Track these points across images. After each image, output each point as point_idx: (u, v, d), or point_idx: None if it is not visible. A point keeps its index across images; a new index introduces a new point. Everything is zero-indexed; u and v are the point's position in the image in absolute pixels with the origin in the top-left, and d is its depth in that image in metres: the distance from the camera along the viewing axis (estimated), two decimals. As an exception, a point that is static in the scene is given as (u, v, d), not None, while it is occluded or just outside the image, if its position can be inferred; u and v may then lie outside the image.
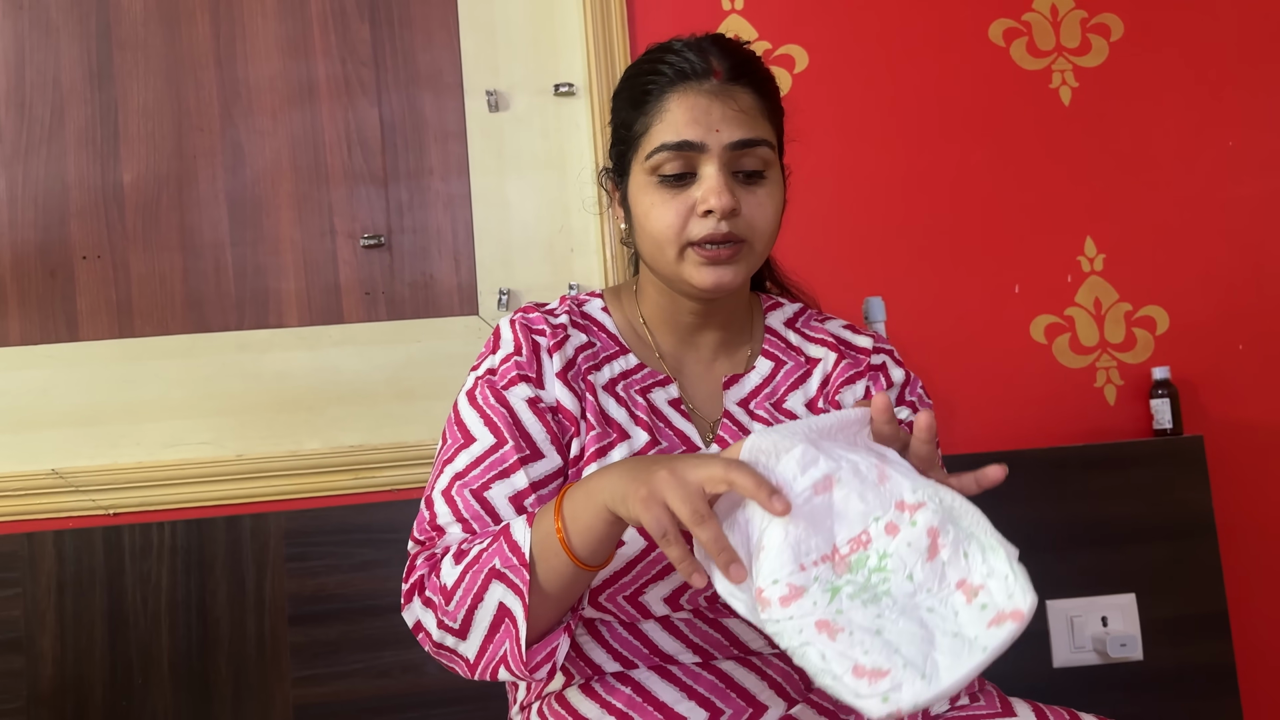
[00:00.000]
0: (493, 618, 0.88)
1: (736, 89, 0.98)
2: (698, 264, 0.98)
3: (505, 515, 0.95)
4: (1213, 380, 1.85)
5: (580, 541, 0.84)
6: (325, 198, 1.81)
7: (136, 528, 1.59)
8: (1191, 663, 1.62)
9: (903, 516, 0.75)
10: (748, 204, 0.97)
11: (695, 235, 0.97)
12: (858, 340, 1.11)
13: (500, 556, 0.87)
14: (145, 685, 1.55)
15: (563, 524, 0.85)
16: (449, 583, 0.90)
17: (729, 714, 0.95)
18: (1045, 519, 1.62)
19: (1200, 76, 1.90)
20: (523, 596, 0.85)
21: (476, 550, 0.90)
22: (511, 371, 1.00)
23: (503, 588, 0.87)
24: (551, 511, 0.87)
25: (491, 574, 0.87)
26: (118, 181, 1.79)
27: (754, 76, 1.00)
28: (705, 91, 0.97)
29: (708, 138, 0.96)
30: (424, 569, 0.94)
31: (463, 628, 0.89)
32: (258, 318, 1.79)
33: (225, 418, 1.75)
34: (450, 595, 0.89)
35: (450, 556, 0.92)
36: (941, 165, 1.87)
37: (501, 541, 0.88)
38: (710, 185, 0.96)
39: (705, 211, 0.96)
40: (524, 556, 0.86)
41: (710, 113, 0.97)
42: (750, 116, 0.98)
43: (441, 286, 1.82)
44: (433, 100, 1.84)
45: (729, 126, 0.96)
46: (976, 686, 1.00)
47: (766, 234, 0.99)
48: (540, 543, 0.86)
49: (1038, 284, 1.86)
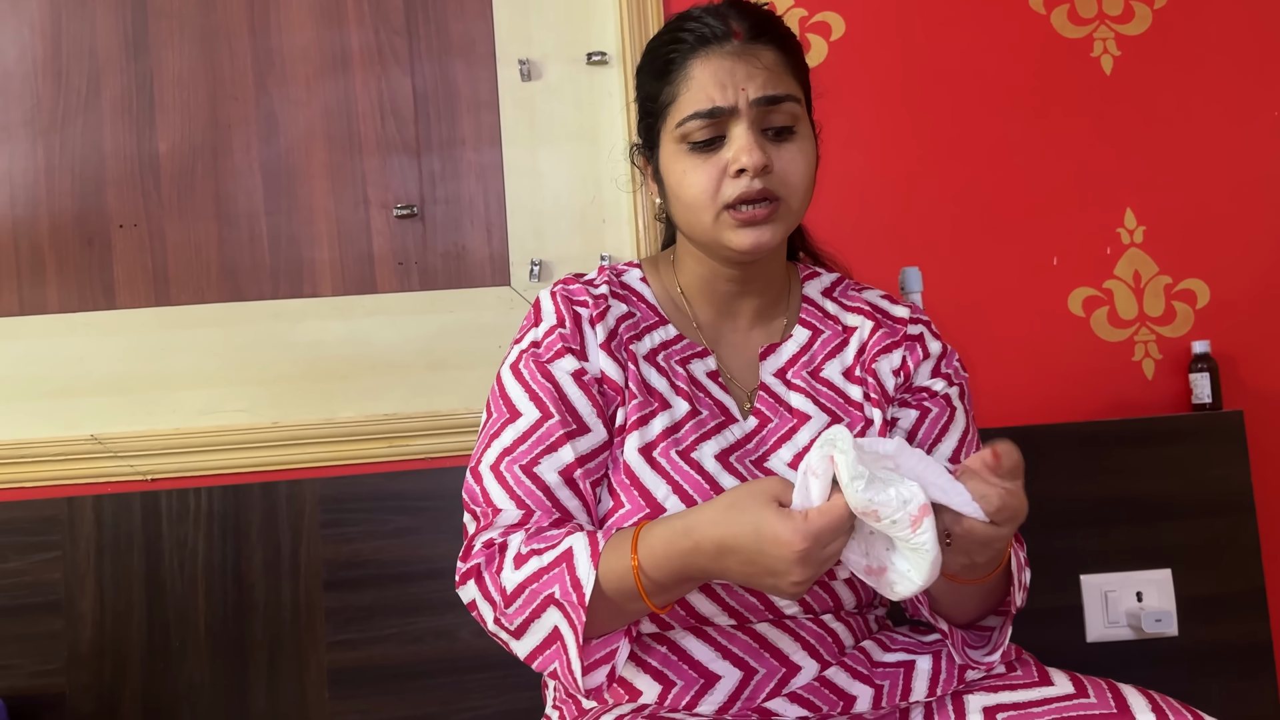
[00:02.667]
0: (547, 635, 0.90)
1: (758, 47, 0.97)
2: (734, 227, 0.97)
3: (556, 490, 0.96)
4: (1253, 355, 1.82)
5: (659, 596, 0.88)
6: (358, 167, 1.81)
7: (174, 493, 1.60)
8: (1227, 640, 1.60)
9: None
10: (780, 160, 0.97)
11: (729, 196, 0.96)
12: (895, 310, 1.10)
13: (560, 586, 0.88)
14: (182, 648, 1.58)
15: (641, 573, 0.87)
16: (509, 588, 0.91)
17: (763, 674, 0.96)
18: (1081, 494, 1.60)
19: (1245, 45, 1.86)
20: (577, 633, 0.87)
21: (537, 567, 0.90)
22: (557, 344, 1.00)
23: (559, 614, 0.88)
24: (627, 550, 0.87)
25: (549, 600, 0.89)
26: (153, 150, 1.80)
27: (775, 34, 0.99)
28: (728, 53, 0.97)
29: (735, 99, 0.96)
30: (481, 558, 0.94)
31: (517, 631, 0.92)
32: (292, 287, 1.80)
33: (260, 386, 1.77)
34: (509, 601, 0.91)
35: (510, 560, 0.92)
36: (979, 135, 1.84)
37: (564, 570, 0.89)
38: (740, 144, 0.95)
39: (738, 171, 0.95)
40: (584, 597, 0.86)
41: (735, 73, 0.96)
42: (775, 73, 0.97)
43: (474, 257, 1.82)
44: (465, 69, 1.84)
45: (754, 84, 0.96)
46: (1014, 655, 1.00)
47: (801, 189, 0.98)
48: (614, 581, 0.87)
49: (1076, 256, 1.84)
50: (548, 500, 0.96)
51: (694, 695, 0.95)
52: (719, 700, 0.95)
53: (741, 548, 0.82)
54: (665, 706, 0.95)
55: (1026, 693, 0.93)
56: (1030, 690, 0.93)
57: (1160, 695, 0.90)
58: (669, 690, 0.95)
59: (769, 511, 0.80)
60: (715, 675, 0.95)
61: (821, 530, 0.79)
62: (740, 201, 0.96)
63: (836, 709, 0.94)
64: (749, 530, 0.81)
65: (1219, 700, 1.57)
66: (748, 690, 0.95)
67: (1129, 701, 0.89)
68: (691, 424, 0.99)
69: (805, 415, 1.02)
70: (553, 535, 0.93)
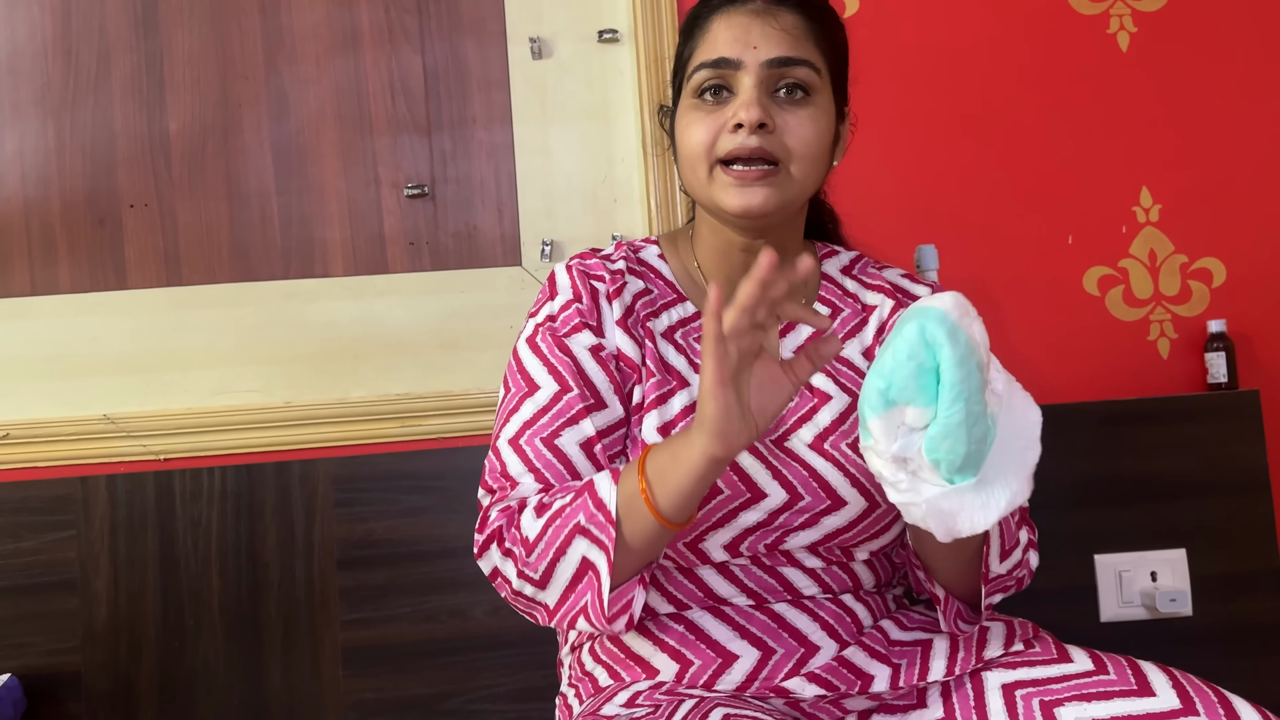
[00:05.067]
0: (575, 570, 0.89)
1: (780, 9, 0.97)
2: (726, 185, 0.96)
3: (577, 462, 0.95)
4: (1270, 334, 1.81)
5: (666, 501, 0.85)
6: (369, 147, 1.80)
7: (187, 473, 1.60)
8: (1242, 620, 1.60)
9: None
10: (785, 122, 0.96)
11: (723, 150, 0.95)
12: (915, 289, 1.09)
13: (585, 512, 0.88)
14: (196, 627, 1.58)
15: (647, 484, 0.86)
16: (530, 535, 0.91)
17: (781, 653, 0.95)
18: (1096, 473, 1.60)
19: (1261, 24, 1.84)
20: (608, 552, 0.86)
21: (559, 505, 0.90)
22: (574, 319, 1.00)
23: (586, 543, 0.88)
24: (635, 472, 0.87)
25: (576, 529, 0.88)
26: (164, 130, 1.79)
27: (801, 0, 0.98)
28: (748, 11, 0.97)
29: (744, 54, 0.95)
30: (500, 520, 0.94)
31: (543, 578, 0.90)
32: (303, 267, 1.79)
33: (272, 366, 1.76)
34: (532, 547, 0.90)
35: (530, 510, 0.92)
36: (995, 111, 1.82)
37: (586, 498, 0.89)
38: (741, 99, 0.95)
39: (736, 126, 0.94)
40: (610, 514, 0.87)
41: (750, 30, 0.96)
42: (793, 36, 0.96)
43: (485, 237, 1.81)
44: (476, 48, 1.83)
45: (767, 44, 0.95)
46: (1032, 633, 0.99)
47: (804, 157, 0.96)
48: (625, 502, 0.87)
49: (1092, 234, 1.82)
50: (568, 473, 0.95)
51: (712, 674, 0.95)
52: (737, 679, 0.94)
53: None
54: (683, 684, 0.95)
55: (1045, 669, 0.93)
56: (1049, 667, 0.93)
57: (1181, 672, 0.90)
58: (687, 669, 0.95)
59: None
60: (733, 654, 0.95)
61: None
62: (734, 158, 0.95)
63: (854, 688, 0.94)
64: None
65: (1234, 679, 1.55)
66: (766, 670, 0.95)
67: (1149, 678, 0.89)
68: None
69: (826, 395, 1.01)
70: (574, 484, 0.93)
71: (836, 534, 0.97)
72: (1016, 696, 0.91)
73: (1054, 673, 0.92)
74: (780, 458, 0.96)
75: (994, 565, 0.95)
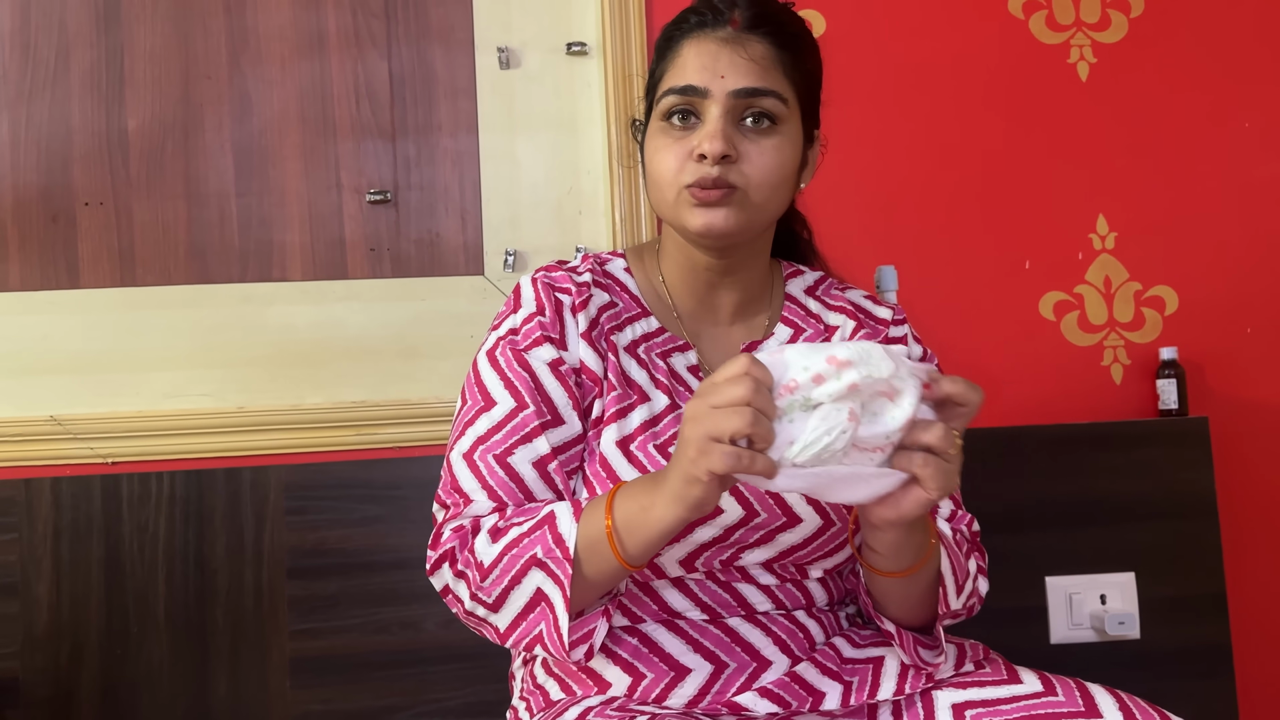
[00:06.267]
0: (529, 599, 0.89)
1: (751, 38, 0.97)
2: (690, 205, 0.97)
3: (530, 481, 0.95)
4: (1220, 362, 1.85)
5: (635, 549, 0.85)
6: (332, 151, 1.79)
7: (135, 477, 1.57)
8: (1188, 643, 1.62)
9: (830, 369, 0.77)
10: (748, 151, 0.96)
11: (688, 179, 0.96)
12: (878, 311, 1.11)
13: (543, 546, 0.88)
14: (141, 634, 1.55)
15: (614, 528, 0.85)
16: (485, 561, 0.90)
17: (733, 668, 0.95)
18: (1048, 496, 1.61)
19: (1218, 57, 1.88)
20: (564, 587, 0.86)
21: (516, 534, 0.90)
22: (535, 332, 0.99)
23: (542, 575, 0.87)
24: (601, 511, 0.86)
25: (532, 561, 0.88)
26: (122, 127, 1.76)
27: (773, 27, 0.99)
28: (718, 39, 0.97)
29: (711, 84, 0.96)
30: (453, 541, 0.93)
31: (497, 603, 0.90)
32: (261, 270, 1.77)
33: (227, 370, 1.74)
34: (487, 573, 0.90)
35: (485, 534, 0.92)
36: (956, 137, 1.85)
37: (546, 531, 0.88)
38: (706, 130, 0.95)
39: (700, 156, 0.95)
40: (568, 550, 0.86)
41: (718, 59, 0.96)
42: (761, 67, 0.97)
43: (447, 245, 1.80)
44: (443, 55, 1.82)
45: (735, 74, 0.96)
46: (982, 654, 1.00)
47: (763, 185, 0.97)
48: (589, 544, 0.86)
49: (1048, 260, 1.85)
50: (520, 492, 0.95)
51: (664, 688, 0.94)
52: (689, 693, 0.94)
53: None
54: (635, 699, 0.94)
55: (995, 690, 0.93)
56: (999, 688, 0.94)
57: (1127, 694, 0.91)
58: (639, 682, 0.95)
59: None
60: (686, 668, 0.95)
61: (716, 376, 0.78)
62: (697, 185, 0.96)
63: (806, 705, 0.94)
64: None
65: (1179, 702, 1.57)
66: (718, 684, 0.95)
67: (1096, 700, 0.90)
68: (671, 418, 0.98)
69: None
70: (531, 508, 0.92)
71: (791, 551, 0.97)
72: (966, 716, 0.92)
73: (1004, 693, 0.93)
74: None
75: (952, 602, 0.96)
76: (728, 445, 0.75)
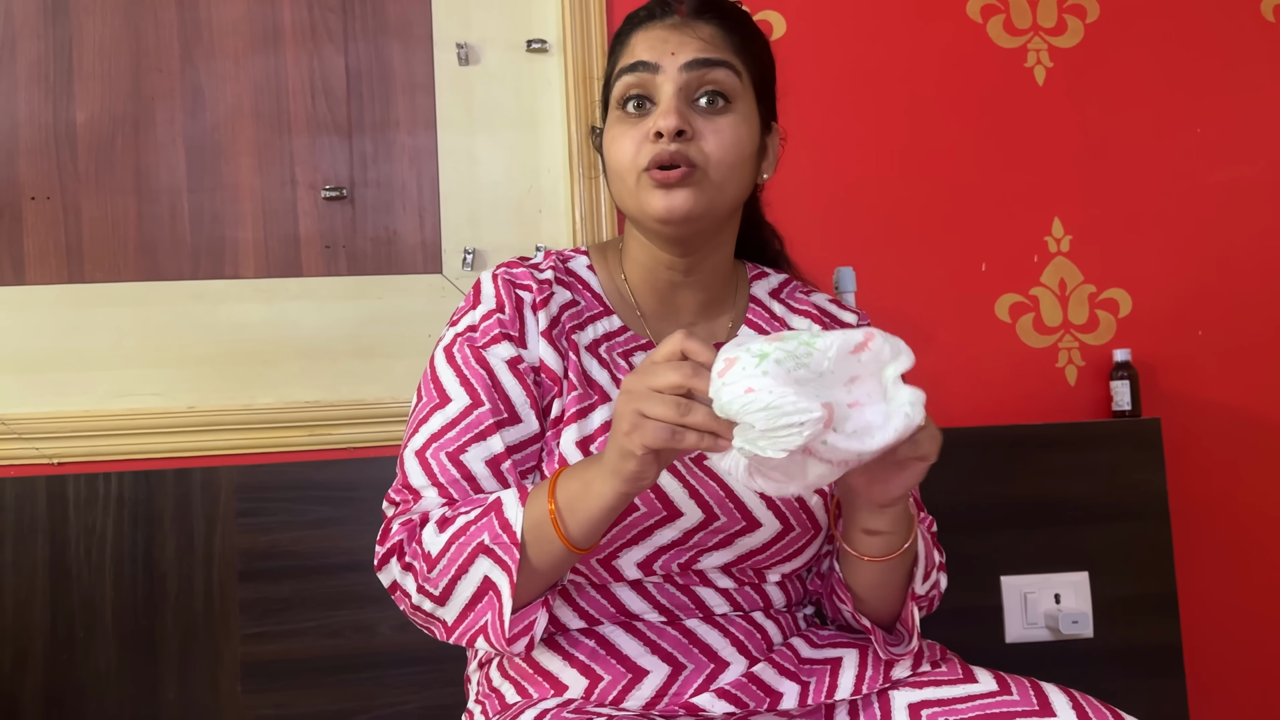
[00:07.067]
0: (476, 589, 0.88)
1: (698, 22, 0.99)
2: (650, 188, 0.96)
3: (482, 480, 0.94)
4: (1172, 364, 1.87)
5: (577, 529, 0.85)
6: (287, 146, 1.76)
7: (82, 478, 1.54)
8: (1140, 641, 1.64)
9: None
10: (703, 129, 0.96)
11: (644, 159, 0.96)
12: (842, 315, 1.11)
13: (489, 532, 0.87)
14: (88, 639, 1.51)
15: (556, 509, 0.85)
16: (432, 551, 0.89)
17: (691, 669, 0.95)
18: (1003, 496, 1.63)
19: (1171, 63, 1.91)
20: (511, 574, 0.85)
21: (463, 522, 0.89)
22: (494, 330, 0.98)
23: (490, 562, 0.87)
24: (544, 494, 0.86)
25: (479, 548, 0.87)
26: (70, 120, 1.72)
27: (720, 13, 1.00)
28: (666, 25, 0.99)
29: (662, 59, 0.96)
30: (401, 534, 0.93)
31: (443, 595, 0.89)
32: (213, 267, 1.74)
33: (177, 369, 1.71)
34: (434, 563, 0.89)
35: (432, 524, 0.91)
36: (915, 139, 1.86)
37: (492, 517, 0.87)
38: (661, 108, 0.96)
39: (656, 134, 0.95)
40: (515, 535, 0.86)
41: (667, 40, 0.97)
42: (711, 44, 0.98)
43: (405, 243, 1.78)
44: (401, 51, 1.80)
45: (685, 49, 0.96)
46: (939, 654, 1.00)
47: (722, 163, 0.96)
48: (533, 526, 0.86)
49: (1004, 263, 1.87)
50: (472, 490, 0.94)
51: (621, 690, 0.93)
52: (646, 695, 0.93)
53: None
54: (592, 701, 0.93)
55: (951, 689, 0.94)
56: (955, 687, 0.94)
57: (1081, 694, 0.92)
58: (596, 684, 0.94)
59: None
60: (643, 670, 0.94)
61: (655, 353, 0.79)
62: (655, 164, 0.95)
63: (763, 705, 0.94)
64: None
65: (1131, 700, 1.59)
66: (675, 685, 0.94)
67: (1050, 699, 0.90)
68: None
69: None
70: (478, 498, 0.92)
71: (750, 555, 0.97)
72: (922, 716, 0.92)
73: (959, 693, 0.93)
74: (698, 476, 0.96)
75: (917, 587, 0.97)
76: (660, 421, 0.76)
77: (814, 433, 0.72)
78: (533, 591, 0.89)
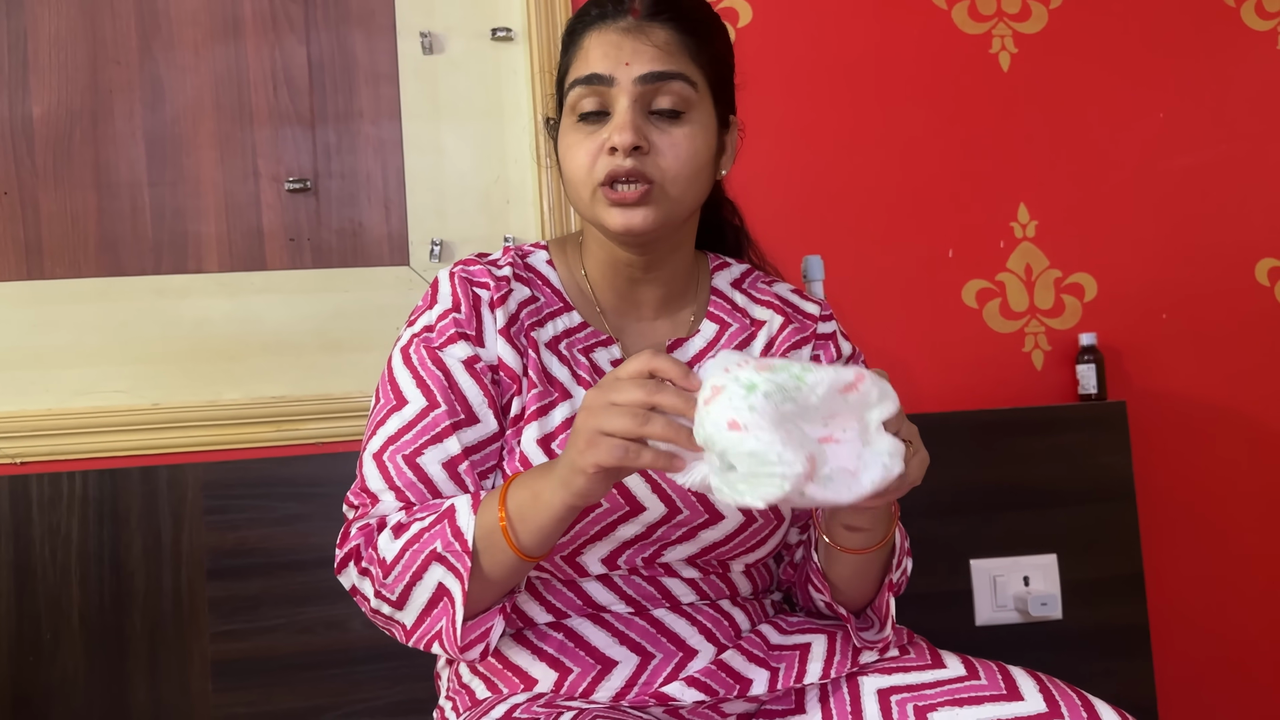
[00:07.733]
0: (431, 595, 0.88)
1: (653, 26, 0.96)
2: (607, 206, 0.95)
3: (440, 482, 0.93)
4: (1137, 348, 1.89)
5: (528, 538, 0.84)
6: (249, 138, 1.74)
7: (45, 477, 1.52)
8: (1108, 622, 1.66)
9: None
10: (660, 143, 0.95)
11: (600, 174, 0.94)
12: (805, 306, 1.10)
13: (442, 540, 0.87)
14: (54, 640, 1.50)
15: (507, 518, 0.85)
16: (388, 557, 0.89)
17: (659, 658, 0.95)
18: (971, 480, 1.64)
19: (1134, 49, 1.92)
20: (463, 581, 0.85)
21: (417, 529, 0.88)
22: (450, 329, 0.97)
23: (443, 569, 0.86)
24: (496, 502, 0.86)
25: (432, 555, 0.87)
26: (26, 114, 1.69)
27: (675, 13, 0.97)
28: (619, 28, 0.96)
29: (617, 71, 0.94)
30: (359, 539, 0.92)
31: (400, 600, 0.89)
32: (176, 262, 1.72)
33: (141, 365, 1.69)
34: (389, 569, 0.89)
35: (388, 530, 0.90)
36: (881, 126, 1.86)
37: (445, 525, 0.87)
38: (615, 122, 0.94)
39: (612, 149, 0.94)
40: (466, 543, 0.85)
41: (621, 47, 0.95)
42: (666, 52, 0.95)
43: (371, 235, 1.77)
44: (364, 40, 1.78)
45: (639, 60, 0.94)
46: (906, 639, 1.01)
47: (679, 177, 0.95)
48: (484, 535, 0.86)
49: (971, 249, 1.87)
50: (429, 492, 0.93)
51: (591, 681, 0.93)
52: (616, 686, 0.93)
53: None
54: (561, 694, 0.93)
55: (919, 675, 0.94)
56: (923, 673, 0.95)
57: (1047, 676, 0.92)
58: (565, 677, 0.94)
59: None
60: (612, 661, 0.94)
61: (620, 370, 0.79)
62: (611, 180, 0.94)
63: (733, 692, 0.94)
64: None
65: (1099, 681, 1.63)
66: (645, 675, 0.94)
67: (1018, 683, 0.91)
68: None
69: None
70: (434, 504, 0.91)
71: (714, 547, 0.97)
72: (891, 701, 0.92)
73: (927, 678, 0.94)
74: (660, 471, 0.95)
75: (893, 575, 0.98)
76: (617, 440, 0.76)
77: (795, 486, 0.72)
78: (488, 599, 0.89)
